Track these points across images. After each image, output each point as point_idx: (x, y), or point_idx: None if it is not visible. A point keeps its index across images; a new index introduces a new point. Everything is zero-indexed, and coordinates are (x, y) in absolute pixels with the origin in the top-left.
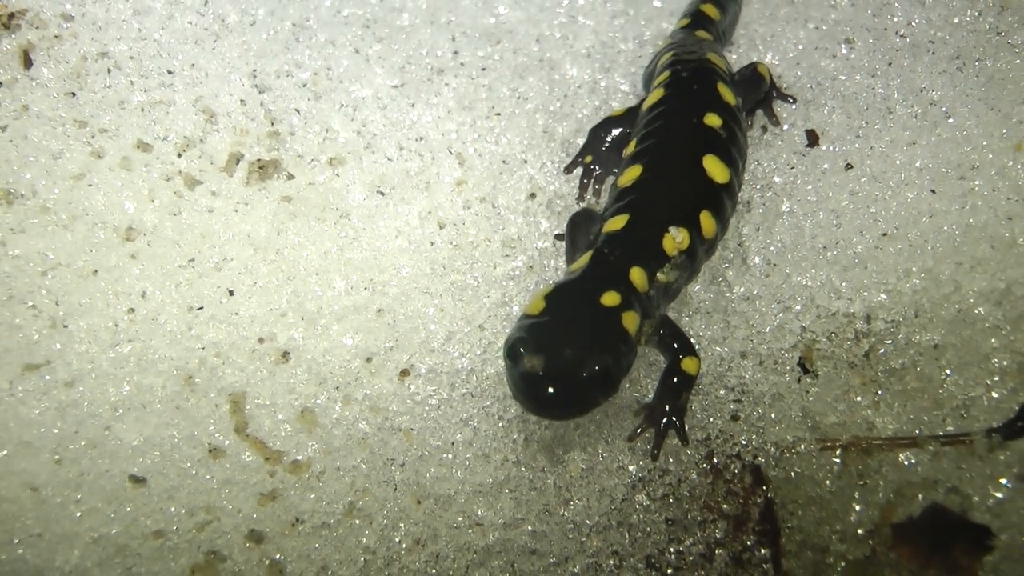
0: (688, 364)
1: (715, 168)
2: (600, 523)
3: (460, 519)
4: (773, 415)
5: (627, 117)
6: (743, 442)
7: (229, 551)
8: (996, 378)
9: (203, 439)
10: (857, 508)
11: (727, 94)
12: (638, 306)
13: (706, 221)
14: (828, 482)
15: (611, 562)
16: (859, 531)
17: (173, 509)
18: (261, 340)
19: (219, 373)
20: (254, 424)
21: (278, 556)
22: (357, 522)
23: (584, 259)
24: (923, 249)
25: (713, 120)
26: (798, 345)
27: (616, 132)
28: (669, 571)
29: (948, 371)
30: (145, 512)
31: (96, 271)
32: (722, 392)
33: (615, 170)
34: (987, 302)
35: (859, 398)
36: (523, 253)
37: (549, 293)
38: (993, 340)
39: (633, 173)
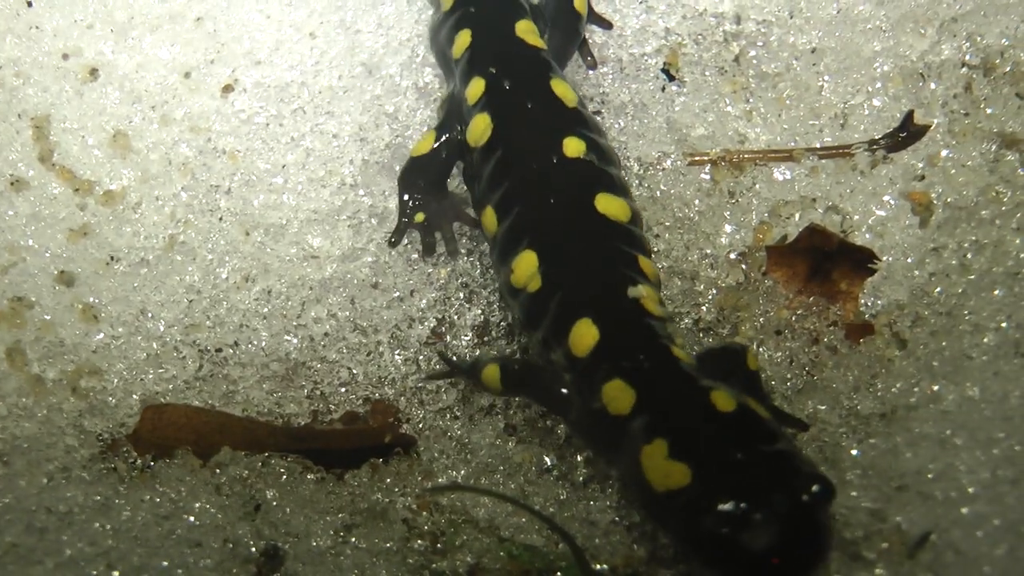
0: None
1: (612, 206)
2: (448, 250)
3: (293, 251)
4: (636, 127)
5: (437, 154)
6: None
7: (37, 295)
8: (878, 84)
9: (3, 170)
10: (728, 230)
11: (566, 92)
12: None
13: (644, 264)
14: (697, 201)
15: (461, 294)
16: (731, 255)
17: None
18: (66, 56)
19: (19, 95)
20: (61, 151)
21: (92, 299)
22: (179, 258)
23: (622, 393)
24: None
25: (575, 146)
26: (662, 49)
27: (433, 173)
28: None
29: (826, 77)
30: None
31: None
32: None
33: (459, 211)
34: (869, 1)
35: (729, 107)
36: None
37: (672, 451)
38: (875, 43)
39: (529, 265)
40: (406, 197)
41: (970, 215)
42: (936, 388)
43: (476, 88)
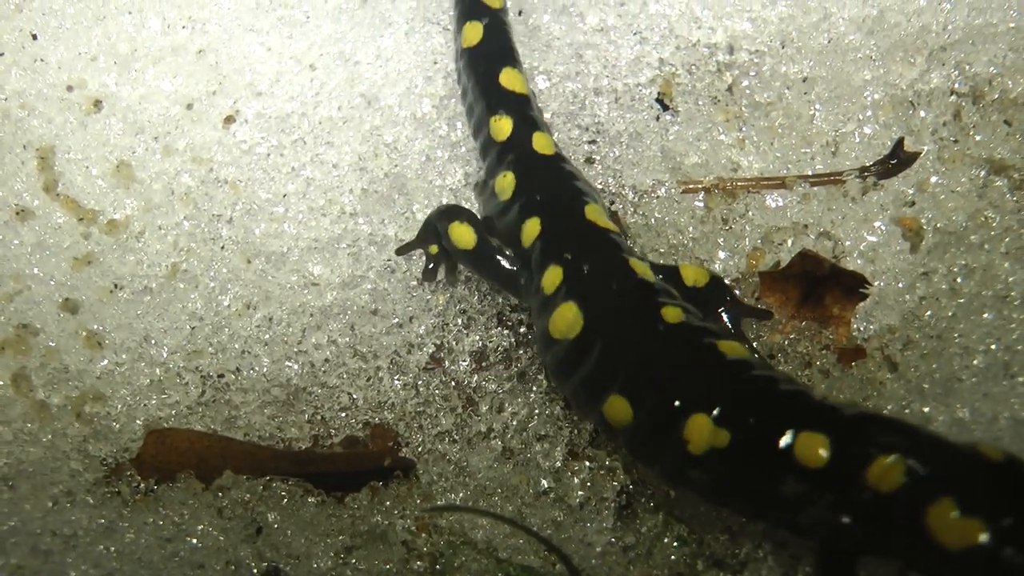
0: None
1: (735, 349)
2: (447, 279)
3: (294, 279)
4: (631, 156)
5: (469, 255)
6: (599, 187)
7: (42, 323)
8: (868, 113)
9: (9, 200)
10: (722, 256)
11: (645, 271)
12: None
13: (781, 372)
14: (691, 228)
15: (459, 320)
16: (725, 280)
17: None
18: (70, 88)
19: (24, 126)
20: (65, 181)
21: (96, 326)
22: (181, 286)
23: (891, 467)
24: None
25: (674, 313)
26: (656, 80)
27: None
28: (522, 330)
29: (817, 106)
30: None
31: None
32: (575, 132)
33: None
34: (859, 30)
35: (722, 136)
36: None
37: (962, 507)
38: (866, 72)
39: (704, 428)
40: (428, 230)
41: (959, 240)
42: (927, 410)
43: (553, 276)
